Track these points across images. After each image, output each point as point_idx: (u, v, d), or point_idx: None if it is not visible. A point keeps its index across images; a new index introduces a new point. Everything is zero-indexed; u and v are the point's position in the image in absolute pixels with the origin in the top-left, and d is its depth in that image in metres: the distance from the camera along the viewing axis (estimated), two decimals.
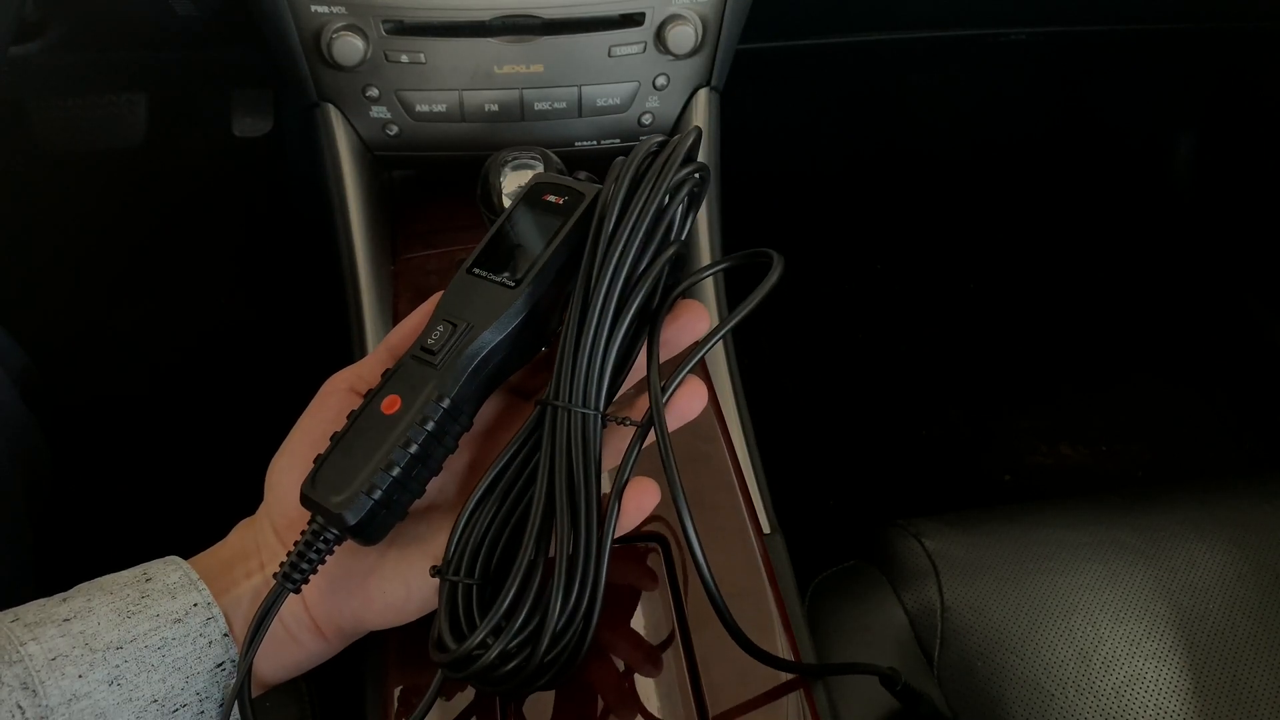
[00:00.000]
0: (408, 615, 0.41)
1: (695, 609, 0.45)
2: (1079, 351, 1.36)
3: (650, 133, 0.66)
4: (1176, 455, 1.25)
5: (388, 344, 0.43)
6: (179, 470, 1.10)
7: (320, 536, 0.38)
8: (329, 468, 0.38)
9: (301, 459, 0.41)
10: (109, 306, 1.22)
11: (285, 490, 0.41)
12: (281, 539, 0.41)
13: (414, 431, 0.38)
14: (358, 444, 0.38)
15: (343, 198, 0.64)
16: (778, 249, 0.42)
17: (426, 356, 0.40)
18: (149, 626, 0.37)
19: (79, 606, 0.37)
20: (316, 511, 0.38)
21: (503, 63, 0.61)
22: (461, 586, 0.38)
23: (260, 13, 0.60)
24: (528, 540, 0.38)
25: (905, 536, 0.67)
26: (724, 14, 0.63)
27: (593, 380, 0.39)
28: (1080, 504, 0.70)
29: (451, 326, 0.40)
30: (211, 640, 0.38)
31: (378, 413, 0.39)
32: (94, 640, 0.36)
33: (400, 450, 0.38)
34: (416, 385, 0.39)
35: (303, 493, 0.38)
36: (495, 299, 0.40)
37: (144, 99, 1.08)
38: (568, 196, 0.42)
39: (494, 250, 0.42)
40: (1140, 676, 0.60)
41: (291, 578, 0.38)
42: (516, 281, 0.40)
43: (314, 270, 0.78)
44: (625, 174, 0.40)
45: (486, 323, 0.40)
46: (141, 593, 0.38)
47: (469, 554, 0.38)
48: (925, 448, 1.25)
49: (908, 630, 0.63)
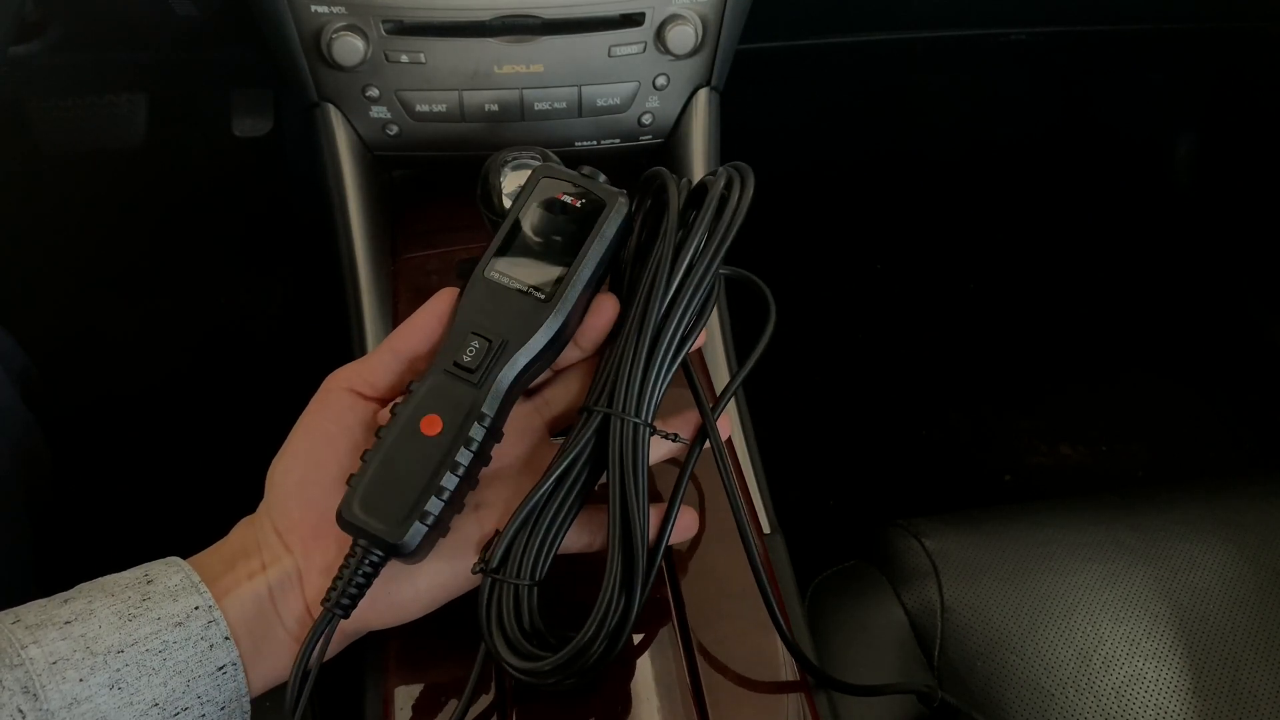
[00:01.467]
0: (411, 615, 0.42)
1: (695, 609, 0.45)
2: (1079, 351, 1.36)
3: (650, 132, 0.66)
4: (1176, 455, 1.25)
5: (391, 346, 0.42)
6: (179, 470, 1.10)
7: (366, 560, 0.38)
8: (371, 490, 0.38)
9: (304, 459, 0.41)
10: (109, 306, 1.22)
11: (287, 491, 0.41)
12: (283, 540, 0.41)
13: (461, 454, 0.38)
14: (401, 466, 0.38)
15: (343, 198, 0.64)
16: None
17: (464, 375, 0.39)
18: (150, 630, 0.37)
19: (80, 609, 0.37)
20: (359, 535, 0.38)
21: (503, 63, 0.61)
22: (521, 589, 0.39)
23: (260, 13, 0.60)
24: (612, 543, 0.39)
25: (905, 536, 0.67)
26: (724, 14, 0.63)
27: (647, 393, 0.40)
28: (1080, 504, 0.70)
29: (487, 343, 0.39)
30: (213, 644, 0.38)
31: (418, 433, 0.38)
32: (95, 643, 0.36)
33: (450, 475, 0.38)
34: (457, 405, 0.39)
35: (343, 516, 0.38)
36: (529, 313, 0.40)
37: (144, 99, 1.08)
38: (585, 199, 0.42)
39: (515, 252, 0.41)
40: (1140, 676, 0.60)
41: (341, 604, 0.38)
42: (549, 294, 0.40)
43: (314, 270, 0.78)
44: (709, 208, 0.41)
45: (523, 339, 0.39)
46: (143, 595, 0.38)
47: (526, 557, 0.39)
48: (925, 448, 1.25)
49: (908, 630, 0.63)
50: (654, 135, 0.67)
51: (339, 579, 0.38)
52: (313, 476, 0.41)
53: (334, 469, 0.40)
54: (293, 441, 0.41)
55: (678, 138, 0.67)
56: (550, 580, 0.40)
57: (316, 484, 0.40)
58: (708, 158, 0.67)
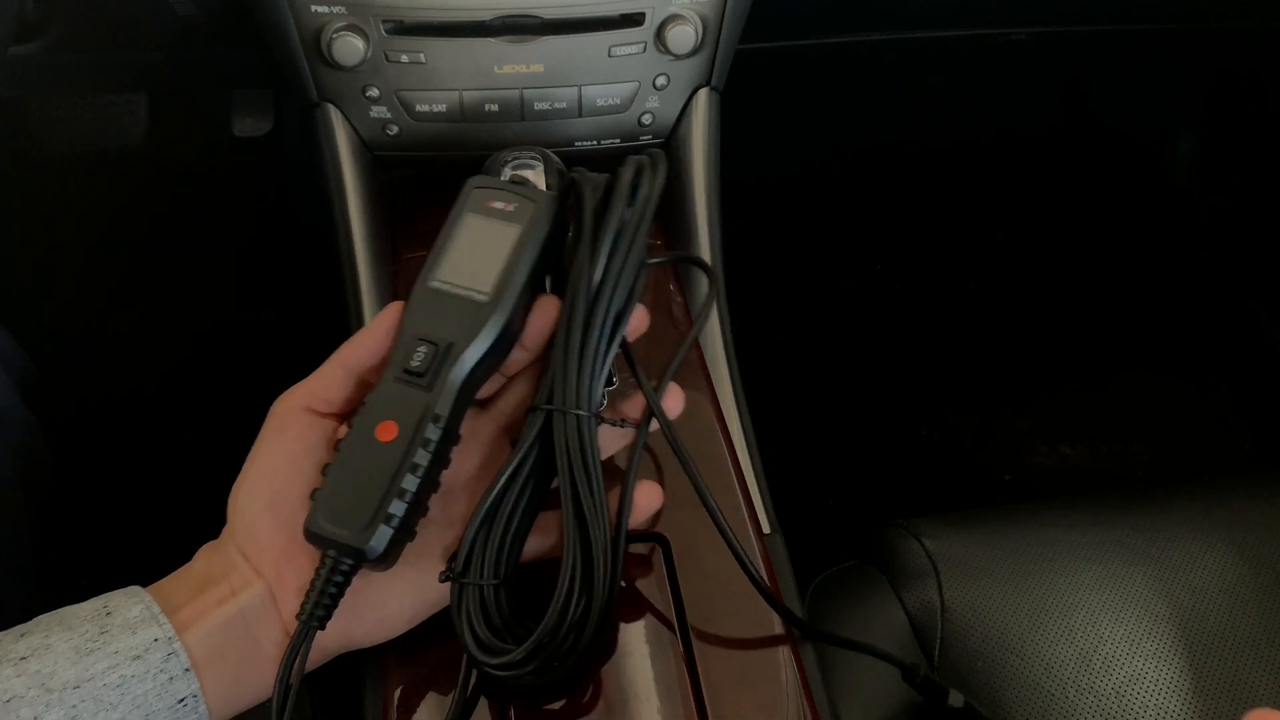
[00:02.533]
0: (395, 630, 0.42)
1: (695, 609, 0.45)
2: (1079, 351, 1.36)
3: (650, 132, 0.66)
4: (1176, 455, 1.25)
5: (340, 360, 0.42)
6: (179, 470, 1.10)
7: (337, 570, 0.38)
8: (333, 500, 0.38)
9: (267, 483, 0.41)
10: (109, 306, 1.22)
11: (252, 515, 0.40)
12: (252, 563, 0.40)
13: (419, 455, 0.38)
14: (361, 475, 0.39)
15: (343, 198, 0.64)
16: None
17: (415, 380, 0.40)
18: (107, 664, 0.37)
19: (37, 644, 0.37)
20: (328, 546, 0.38)
21: (503, 63, 0.61)
22: (486, 589, 0.39)
23: (260, 13, 0.60)
24: (568, 532, 0.40)
25: (905, 536, 0.67)
26: (724, 14, 0.63)
27: (585, 384, 0.41)
28: (1080, 504, 0.70)
29: (433, 347, 0.40)
30: (173, 676, 0.37)
31: (374, 440, 0.39)
32: (50, 680, 0.36)
33: (410, 476, 0.38)
34: (411, 409, 0.39)
35: (309, 530, 0.38)
36: (471, 313, 0.41)
37: (144, 99, 1.08)
38: (516, 203, 0.43)
39: (454, 262, 0.42)
40: (1140, 676, 0.60)
41: (316, 615, 0.38)
42: (488, 294, 0.41)
43: (314, 270, 0.78)
44: (621, 193, 0.42)
45: (468, 339, 0.40)
46: (101, 628, 0.37)
47: (487, 557, 0.40)
48: (925, 448, 1.25)
49: (908, 630, 0.63)
50: (654, 135, 0.67)
51: (311, 591, 0.39)
52: (281, 497, 0.40)
53: (302, 487, 0.40)
54: (255, 464, 0.41)
55: (678, 138, 0.67)
56: (532, 582, 0.41)
57: (285, 504, 0.40)
58: (708, 158, 0.67)
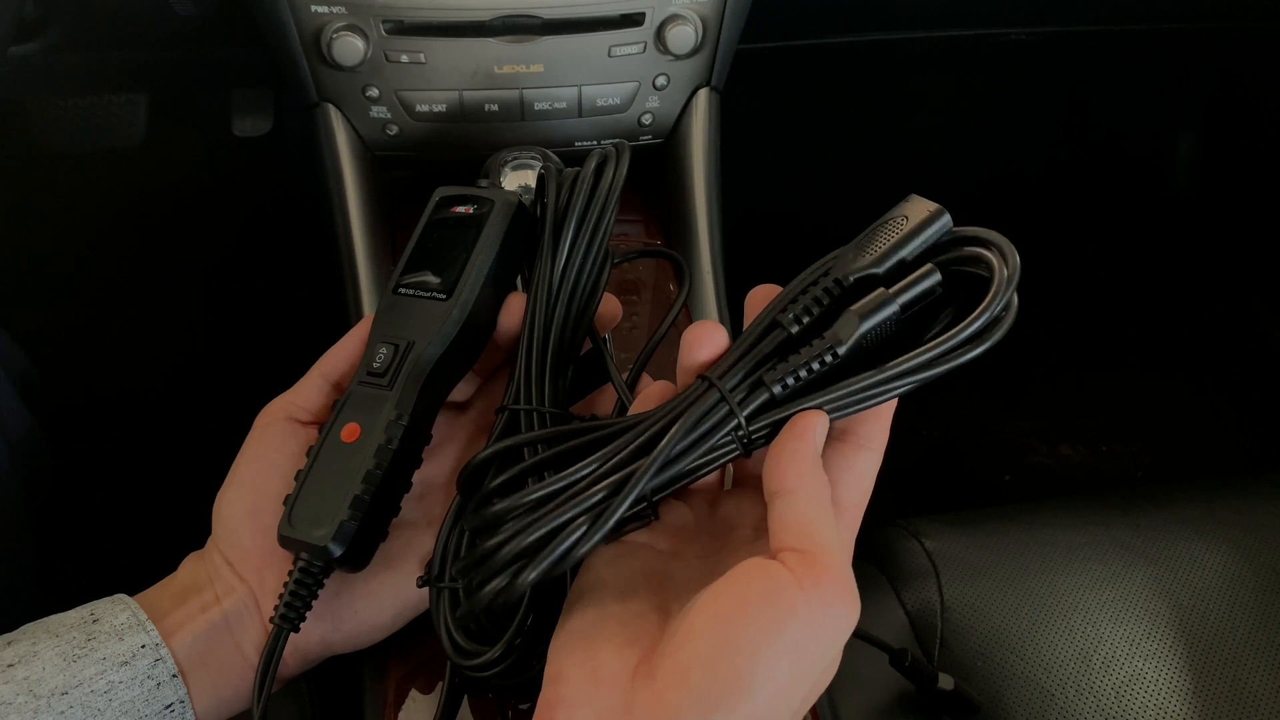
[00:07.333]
0: (379, 634, 0.42)
1: None
2: (1079, 351, 1.36)
3: (650, 132, 0.66)
4: (1176, 455, 1.25)
5: (319, 370, 0.43)
6: (179, 470, 1.10)
7: (308, 572, 0.38)
8: (302, 505, 0.39)
9: (249, 491, 0.41)
10: (109, 307, 1.22)
11: (236, 523, 0.41)
12: (235, 570, 0.41)
13: (381, 453, 0.39)
14: (326, 476, 0.39)
15: (343, 198, 0.64)
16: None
17: (376, 380, 0.40)
18: (95, 670, 0.37)
19: (24, 651, 0.37)
20: (299, 549, 0.38)
21: (503, 63, 0.61)
22: (461, 591, 0.38)
23: (260, 13, 0.60)
24: None
25: (905, 536, 0.67)
26: (724, 14, 0.63)
27: (545, 380, 0.41)
28: (1080, 504, 0.70)
29: (394, 347, 0.41)
30: (160, 682, 0.38)
31: (339, 443, 0.39)
32: (39, 686, 0.36)
33: (371, 472, 0.38)
34: (373, 409, 0.40)
35: (281, 534, 0.39)
36: (430, 313, 0.41)
37: (144, 99, 1.08)
38: (476, 205, 0.43)
39: (416, 267, 0.43)
40: (1140, 676, 0.60)
41: (288, 617, 0.38)
42: (447, 292, 0.41)
43: (314, 270, 0.78)
44: (581, 190, 0.42)
45: (428, 337, 0.40)
46: (88, 635, 0.38)
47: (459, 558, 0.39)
48: (925, 448, 1.25)
49: (908, 630, 0.63)
50: (654, 135, 0.67)
51: (283, 593, 0.39)
52: (262, 504, 0.41)
53: (282, 495, 0.41)
54: (237, 473, 0.42)
55: (678, 138, 0.67)
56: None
57: (267, 511, 0.41)
58: (708, 158, 0.67)
